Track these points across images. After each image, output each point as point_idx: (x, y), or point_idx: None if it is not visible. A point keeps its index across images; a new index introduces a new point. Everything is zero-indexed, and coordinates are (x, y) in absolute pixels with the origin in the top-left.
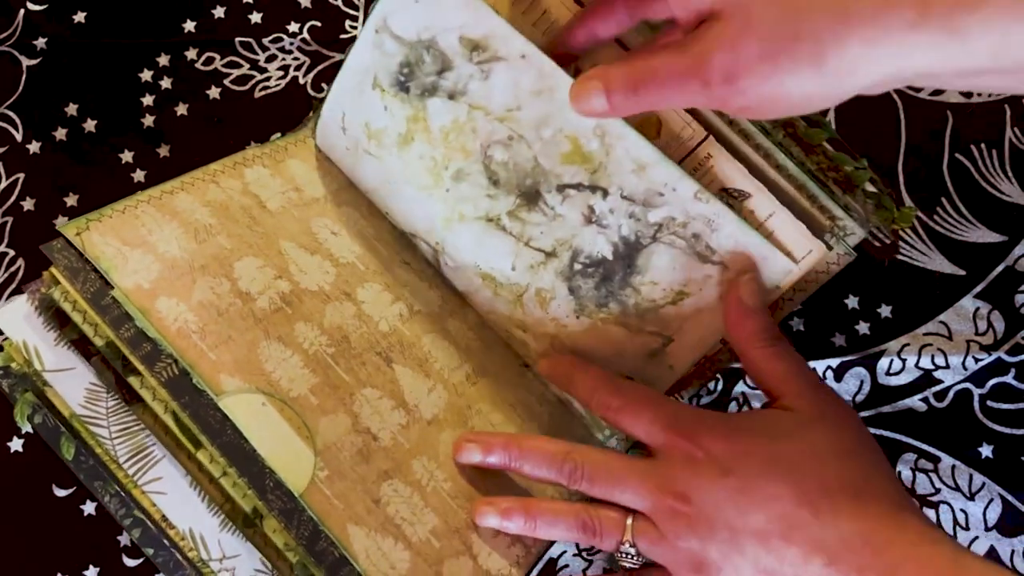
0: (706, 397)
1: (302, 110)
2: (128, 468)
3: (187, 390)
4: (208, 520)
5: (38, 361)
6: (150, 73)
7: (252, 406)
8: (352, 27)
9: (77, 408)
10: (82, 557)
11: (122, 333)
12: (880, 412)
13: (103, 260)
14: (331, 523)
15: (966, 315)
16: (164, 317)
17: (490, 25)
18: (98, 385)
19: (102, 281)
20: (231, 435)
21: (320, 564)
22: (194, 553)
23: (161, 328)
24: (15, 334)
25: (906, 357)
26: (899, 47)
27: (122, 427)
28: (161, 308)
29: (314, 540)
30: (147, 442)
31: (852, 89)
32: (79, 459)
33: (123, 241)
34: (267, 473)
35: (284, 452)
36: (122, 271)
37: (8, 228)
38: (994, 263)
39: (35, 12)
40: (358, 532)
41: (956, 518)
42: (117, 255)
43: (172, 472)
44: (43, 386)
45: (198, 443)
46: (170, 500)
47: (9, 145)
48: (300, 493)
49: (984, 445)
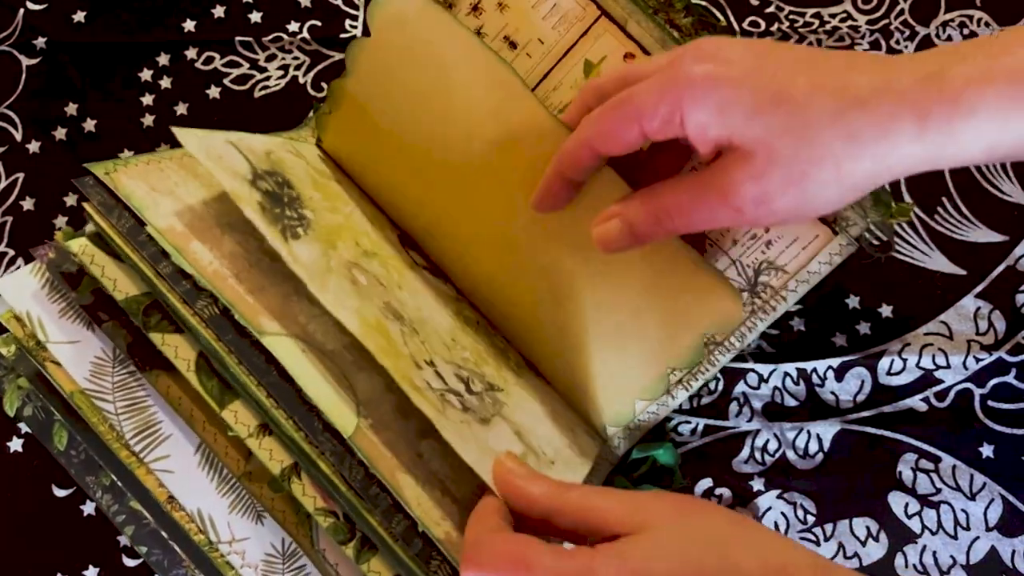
0: (707, 397)
1: (302, 110)
2: (135, 445)
3: (229, 329)
4: (218, 500)
5: (42, 333)
6: (150, 73)
7: (294, 349)
8: (352, 27)
9: (82, 382)
10: (82, 557)
11: (162, 268)
12: (881, 412)
13: (135, 199)
14: (382, 468)
15: (967, 315)
16: (200, 259)
17: None
18: (104, 359)
19: (135, 220)
20: (275, 376)
21: (375, 509)
22: (201, 536)
23: (199, 268)
24: (19, 304)
25: (907, 357)
26: (905, 156)
27: (129, 402)
28: (195, 249)
29: (366, 486)
30: (155, 418)
31: (867, 189)
32: (70, 451)
33: (151, 187)
34: (315, 415)
35: (329, 396)
36: (154, 212)
37: (8, 228)
38: (995, 263)
39: (35, 12)
40: (408, 480)
41: (957, 518)
42: (148, 196)
43: (181, 449)
44: (44, 362)
45: (223, 402)
46: (177, 479)
47: (9, 145)
48: (349, 436)
49: (985, 445)
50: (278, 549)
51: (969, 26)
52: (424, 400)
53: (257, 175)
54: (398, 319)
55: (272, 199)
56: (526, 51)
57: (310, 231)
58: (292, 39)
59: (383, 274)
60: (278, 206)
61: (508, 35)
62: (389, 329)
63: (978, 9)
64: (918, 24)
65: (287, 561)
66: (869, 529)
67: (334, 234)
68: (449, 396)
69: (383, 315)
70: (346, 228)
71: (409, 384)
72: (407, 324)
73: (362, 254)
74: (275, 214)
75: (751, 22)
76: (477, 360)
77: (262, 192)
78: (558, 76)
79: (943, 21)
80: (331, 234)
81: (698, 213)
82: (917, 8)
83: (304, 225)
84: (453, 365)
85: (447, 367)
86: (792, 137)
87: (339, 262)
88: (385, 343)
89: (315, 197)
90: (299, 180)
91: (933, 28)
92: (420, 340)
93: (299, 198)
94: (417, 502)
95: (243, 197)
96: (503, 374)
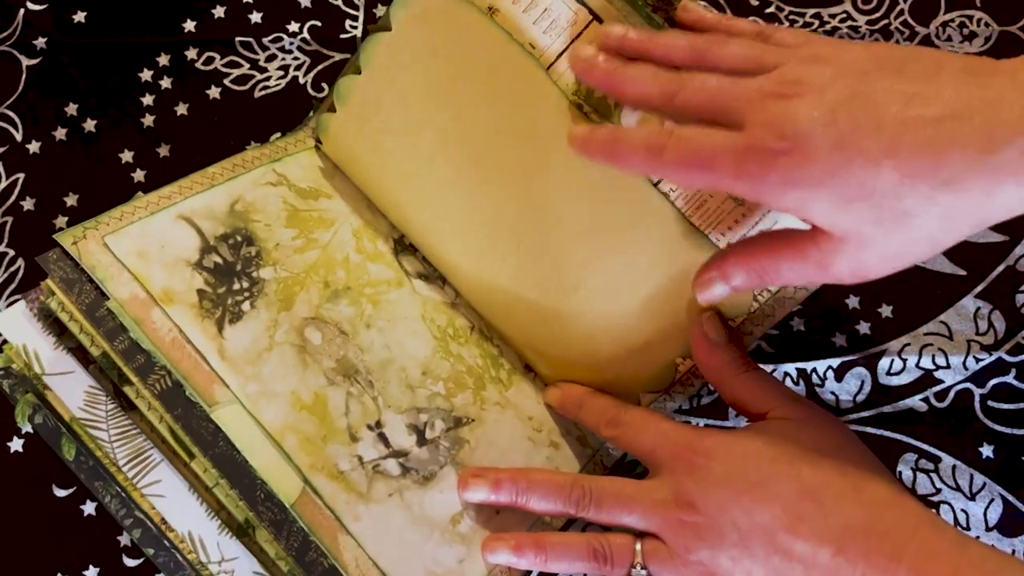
0: (707, 397)
1: (302, 110)
2: (127, 471)
3: (180, 402)
4: (207, 524)
5: (38, 364)
6: (150, 73)
7: (243, 418)
8: (352, 27)
9: (76, 411)
10: (82, 557)
11: (116, 345)
12: (881, 412)
13: (99, 270)
14: (322, 534)
15: (967, 315)
16: (159, 328)
17: None
18: (97, 389)
19: (98, 292)
20: (223, 447)
21: (310, 575)
22: (194, 556)
23: (155, 339)
24: (15, 338)
25: (907, 357)
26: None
27: (121, 431)
28: (156, 319)
29: (304, 551)
30: (145, 446)
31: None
32: (79, 459)
33: (120, 249)
34: (258, 484)
35: (273, 465)
36: (117, 281)
37: (8, 228)
38: (995, 263)
39: (35, 12)
40: (349, 542)
41: (957, 518)
42: (113, 264)
43: (171, 476)
44: (43, 389)
45: (191, 454)
46: (169, 503)
47: (9, 145)
48: (291, 504)
49: (985, 445)
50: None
51: (969, 26)
52: (339, 488)
53: (208, 248)
54: (349, 378)
55: (219, 275)
56: None
57: (261, 299)
58: (292, 39)
59: (351, 315)
60: (224, 282)
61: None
62: (328, 401)
63: (978, 9)
64: (918, 24)
65: None
66: None
67: (296, 284)
68: (385, 464)
69: (328, 381)
70: (321, 263)
71: (327, 475)
72: (361, 378)
73: (330, 296)
74: (217, 296)
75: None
76: (452, 388)
77: (207, 271)
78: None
79: (943, 21)
80: (290, 288)
81: (795, 278)
82: (917, 8)
83: (253, 295)
84: (412, 412)
85: (399, 418)
86: (884, 227)
87: (289, 327)
88: (312, 429)
89: (284, 240)
90: (267, 225)
91: (933, 28)
92: (374, 395)
93: (259, 254)
94: (355, 564)
95: (176, 296)
96: (485, 394)
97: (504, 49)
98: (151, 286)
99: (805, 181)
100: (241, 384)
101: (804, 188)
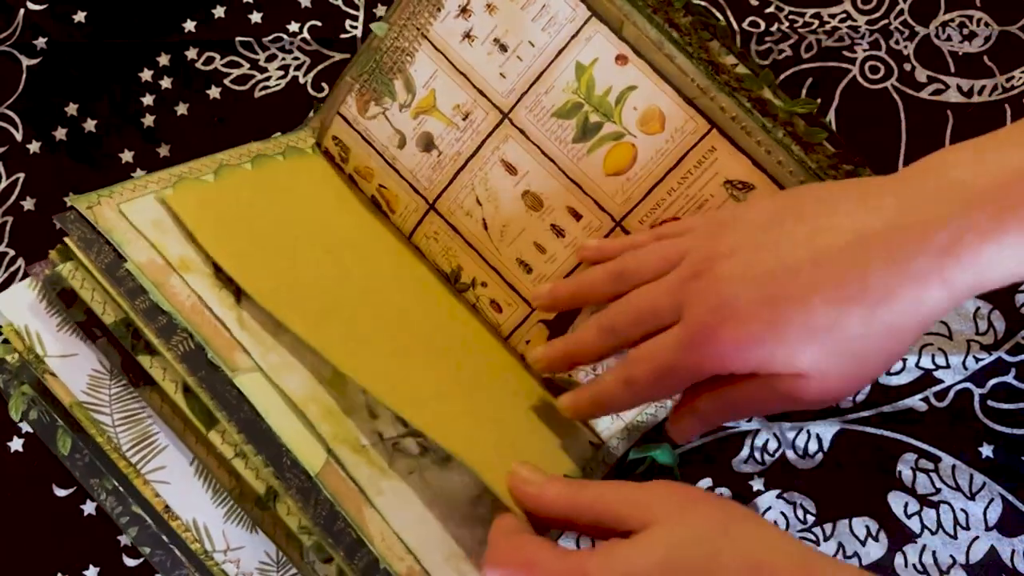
0: None
1: (302, 110)
2: (131, 457)
3: (203, 365)
4: (213, 510)
5: (40, 347)
6: (150, 73)
7: (265, 386)
8: (352, 27)
9: (79, 395)
10: (82, 557)
11: (137, 304)
12: (880, 412)
13: (116, 234)
14: (348, 505)
15: (966, 315)
16: (178, 293)
17: None
18: (101, 372)
19: (115, 254)
20: (248, 412)
21: (338, 545)
22: (197, 545)
23: (175, 303)
24: (17, 319)
25: (906, 357)
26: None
27: (125, 415)
28: (175, 283)
29: (331, 521)
30: (151, 429)
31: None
32: (75, 455)
33: (136, 218)
34: (284, 452)
35: (297, 433)
36: (135, 246)
37: (8, 228)
38: None
39: (35, 12)
40: (374, 516)
41: (956, 518)
42: (129, 230)
43: (177, 460)
44: (43, 374)
45: (210, 423)
46: (174, 490)
47: (9, 145)
48: (316, 474)
49: (985, 445)
50: (272, 558)
51: (969, 26)
52: (361, 461)
53: None
54: None
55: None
56: (516, 54)
57: None
58: (292, 39)
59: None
60: None
61: (498, 37)
62: (347, 378)
63: (978, 9)
64: (918, 24)
65: (281, 570)
66: (869, 529)
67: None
68: (404, 442)
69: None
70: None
71: (350, 448)
72: None
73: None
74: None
75: (751, 22)
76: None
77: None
78: (549, 79)
79: (943, 21)
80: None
81: (769, 409)
82: (917, 8)
83: None
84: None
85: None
86: (840, 357)
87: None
88: (332, 402)
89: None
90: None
91: (933, 28)
92: None
93: None
94: (381, 537)
95: (193, 264)
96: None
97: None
98: (168, 254)
99: (753, 339)
100: (262, 354)
101: (756, 345)
